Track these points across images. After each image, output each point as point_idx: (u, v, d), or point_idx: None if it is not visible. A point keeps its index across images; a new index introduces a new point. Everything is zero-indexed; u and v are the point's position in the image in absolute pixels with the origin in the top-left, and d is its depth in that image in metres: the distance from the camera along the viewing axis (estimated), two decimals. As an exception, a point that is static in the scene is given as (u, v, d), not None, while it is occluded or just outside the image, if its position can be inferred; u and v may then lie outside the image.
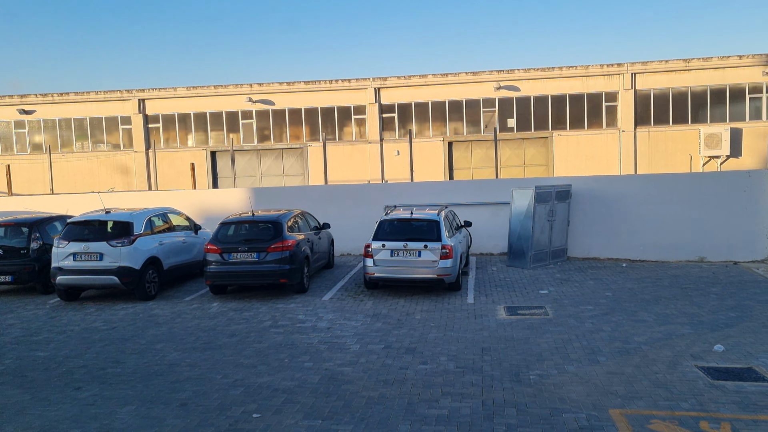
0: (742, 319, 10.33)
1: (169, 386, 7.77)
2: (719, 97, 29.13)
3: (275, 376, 8.01)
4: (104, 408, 7.12)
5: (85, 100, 32.19)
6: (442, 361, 8.46)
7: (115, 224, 12.55)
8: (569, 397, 7.08)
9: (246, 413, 6.84)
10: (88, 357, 9.11)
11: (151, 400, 7.30)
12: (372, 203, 17.18)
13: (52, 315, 11.78)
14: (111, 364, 8.73)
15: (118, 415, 6.89)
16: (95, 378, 8.18)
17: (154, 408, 7.07)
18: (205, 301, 12.56)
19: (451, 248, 12.21)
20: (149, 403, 7.21)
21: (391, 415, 6.69)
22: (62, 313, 11.87)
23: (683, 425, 6.26)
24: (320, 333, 10.02)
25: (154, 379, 8.08)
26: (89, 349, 9.49)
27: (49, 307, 12.45)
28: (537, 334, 9.67)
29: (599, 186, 16.50)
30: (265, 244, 12.22)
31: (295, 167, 32.06)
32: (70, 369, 8.59)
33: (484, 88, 30.43)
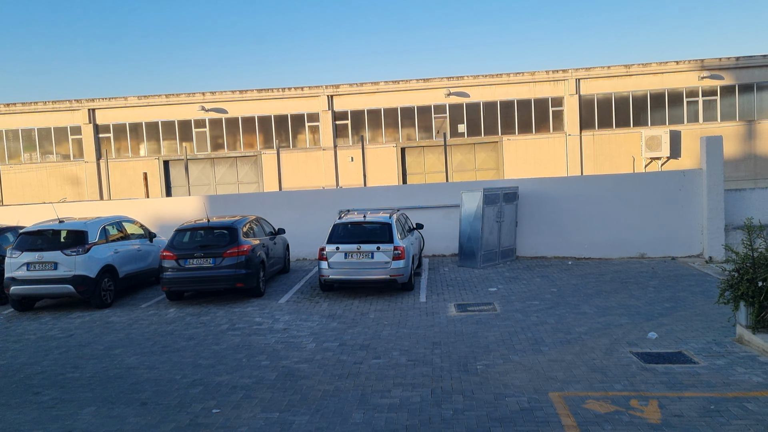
0: (675, 309, 11.02)
1: (128, 388, 7.96)
2: (659, 101, 30.41)
3: (233, 375, 8.28)
4: (65, 410, 7.28)
5: (32, 110, 31.61)
6: (395, 355, 8.85)
7: (70, 233, 12.59)
8: (513, 383, 7.55)
9: (206, 409, 7.10)
10: (45, 363, 9.21)
11: (112, 401, 7.49)
12: (327, 208, 17.50)
13: (7, 325, 11.76)
14: (69, 370, 8.85)
15: (80, 416, 7.07)
16: (54, 383, 8.30)
17: (114, 408, 7.27)
18: (161, 307, 12.68)
19: (403, 249, 12.63)
20: (110, 404, 7.41)
21: (346, 405, 7.04)
22: (17, 323, 11.85)
23: (615, 403, 6.78)
24: (277, 334, 10.30)
25: (113, 382, 8.25)
26: (47, 356, 9.57)
27: (3, 318, 12.40)
28: (485, 328, 10.15)
29: (545, 188, 17.19)
30: (220, 250, 12.43)
31: (250, 175, 32.11)
32: (28, 375, 8.69)
33: (434, 94, 31.09)
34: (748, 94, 30.01)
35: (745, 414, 6.37)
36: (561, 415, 6.51)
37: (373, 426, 6.43)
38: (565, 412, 6.61)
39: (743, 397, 6.83)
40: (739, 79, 29.86)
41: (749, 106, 30.05)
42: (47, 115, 31.75)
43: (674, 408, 6.60)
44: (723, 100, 30.12)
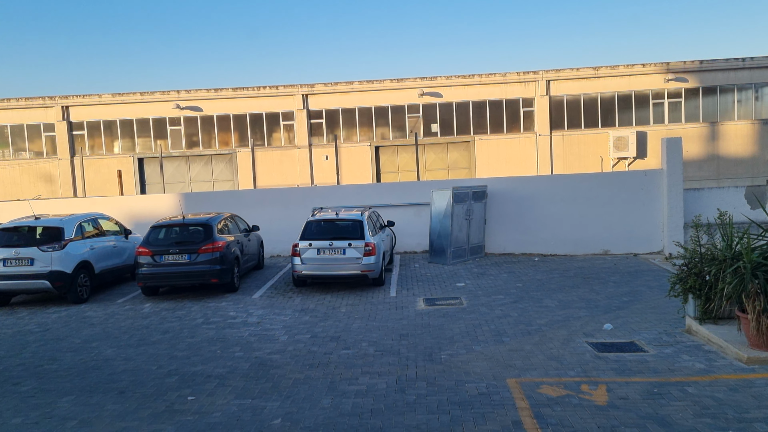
0: (632, 302, 11.58)
1: (106, 378, 8.27)
2: (626, 102, 31.25)
3: (208, 365, 8.63)
4: (44, 399, 7.57)
5: (5, 107, 31.45)
6: (364, 346, 9.27)
7: (46, 230, 12.81)
8: (474, 371, 8.01)
9: (181, 397, 7.45)
10: (24, 356, 9.46)
11: (90, 390, 7.80)
12: (301, 206, 17.83)
13: (-17, 320, 11.96)
14: (47, 362, 9.12)
15: (59, 404, 7.37)
16: (33, 374, 8.58)
17: (93, 397, 7.58)
18: (137, 302, 12.96)
19: (374, 246, 13.05)
20: (88, 393, 7.71)
21: (315, 392, 7.44)
22: (-7, 319, 12.05)
23: (567, 388, 7.27)
24: (250, 327, 10.65)
25: (91, 372, 8.55)
26: (24, 349, 9.82)
27: (-21, 313, 12.59)
28: (451, 321, 10.61)
29: (513, 186, 17.73)
30: (196, 246, 12.74)
31: (225, 173, 32.29)
32: (7, 367, 8.94)
33: (408, 94, 31.57)
34: (711, 97, 30.99)
35: (684, 396, 6.89)
36: (516, 399, 6.98)
37: (340, 410, 6.84)
38: (520, 396, 7.08)
39: (685, 382, 7.36)
40: (703, 82, 30.82)
41: (713, 108, 31.02)
42: (20, 112, 31.63)
43: (621, 392, 7.10)
44: (687, 102, 31.06)
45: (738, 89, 31.00)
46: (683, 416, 6.35)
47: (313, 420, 6.60)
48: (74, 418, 6.92)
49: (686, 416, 6.35)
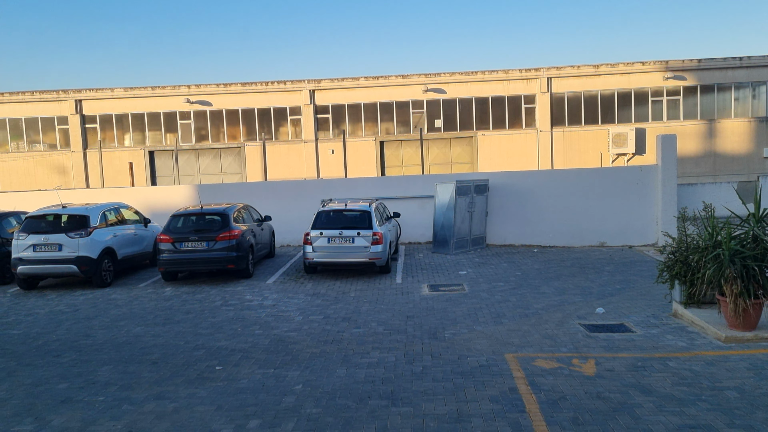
0: (625, 289, 12.33)
1: (138, 351, 9.05)
2: (625, 99, 31.93)
3: (231, 341, 9.40)
4: (84, 368, 8.35)
5: (20, 100, 32.23)
6: (373, 326, 10.03)
7: (73, 217, 13.57)
8: (475, 347, 8.77)
9: (210, 367, 8.23)
10: (59, 333, 10.24)
11: (126, 361, 8.58)
12: (310, 198, 18.59)
13: (15, 301, 12.74)
14: (82, 338, 9.90)
15: (99, 373, 8.15)
16: (71, 348, 9.35)
17: (129, 366, 8.36)
18: (158, 286, 13.74)
19: (381, 235, 13.81)
20: (124, 363, 8.49)
21: (331, 363, 8.20)
22: (24, 300, 12.84)
23: (559, 362, 8.03)
24: (267, 309, 11.42)
25: (123, 347, 9.32)
26: (59, 327, 10.60)
27: (11, 295, 13.38)
28: (454, 305, 11.36)
29: (514, 180, 18.47)
30: (213, 234, 13.51)
31: (233, 166, 33.06)
32: (46, 342, 9.72)
33: (412, 90, 32.27)
34: (709, 95, 31.66)
35: (664, 369, 7.64)
36: (513, 370, 7.74)
37: (354, 378, 7.61)
38: (516, 367, 7.84)
39: (666, 357, 8.12)
40: (701, 80, 31.49)
41: (710, 106, 31.70)
42: (34, 105, 32.41)
43: (608, 365, 7.86)
44: (686, 100, 31.74)
45: (735, 87, 31.67)
46: (663, 385, 7.10)
47: (331, 386, 7.36)
48: (115, 383, 7.70)
49: (665, 385, 7.10)
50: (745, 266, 8.61)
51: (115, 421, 6.53)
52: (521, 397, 6.86)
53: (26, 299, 12.93)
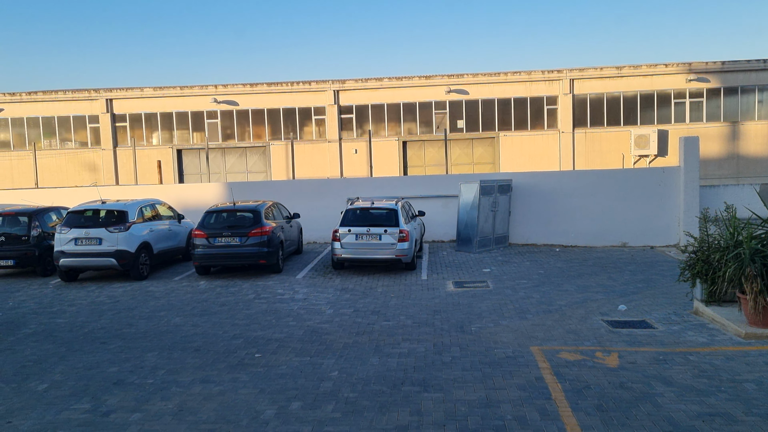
0: (646, 288, 12.60)
1: (180, 339, 9.53)
2: (648, 101, 32.01)
3: (267, 331, 9.85)
4: (132, 354, 8.85)
5: (53, 99, 33.10)
6: (402, 319, 10.43)
7: (112, 213, 14.14)
8: (501, 340, 9.13)
9: (249, 354, 8.68)
10: (103, 322, 10.77)
11: (169, 348, 9.07)
12: (335, 196, 19.05)
13: (58, 293, 13.33)
14: (125, 327, 10.41)
15: (146, 358, 8.64)
16: (116, 336, 9.87)
17: (173, 353, 8.84)
18: (192, 280, 14.26)
19: (407, 233, 14.20)
20: (168, 350, 8.98)
21: (364, 353, 8.62)
22: (66, 291, 13.42)
23: (583, 354, 8.37)
24: (298, 302, 11.87)
25: (165, 335, 9.81)
26: (102, 317, 11.13)
27: (53, 287, 13.98)
28: (479, 300, 11.72)
29: (536, 181, 18.76)
30: (246, 230, 13.99)
31: (258, 165, 33.64)
32: (91, 330, 10.25)
33: (435, 91, 32.62)
34: (732, 97, 31.63)
35: (685, 362, 7.95)
36: (538, 361, 8.10)
37: (387, 366, 8.01)
38: (541, 359, 8.20)
39: (687, 352, 8.42)
40: (725, 82, 31.47)
41: (734, 108, 31.67)
42: (67, 104, 33.27)
43: (630, 358, 8.18)
44: (709, 102, 31.74)
45: (759, 90, 31.60)
46: (683, 377, 7.42)
47: (365, 373, 7.77)
48: (162, 368, 8.18)
49: (686, 377, 7.41)
50: (765, 265, 8.88)
51: (166, 401, 6.99)
52: (547, 385, 7.21)
53: (68, 290, 13.51)
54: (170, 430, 6.25)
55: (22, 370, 8.30)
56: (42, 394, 7.35)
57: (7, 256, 14.54)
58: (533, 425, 6.16)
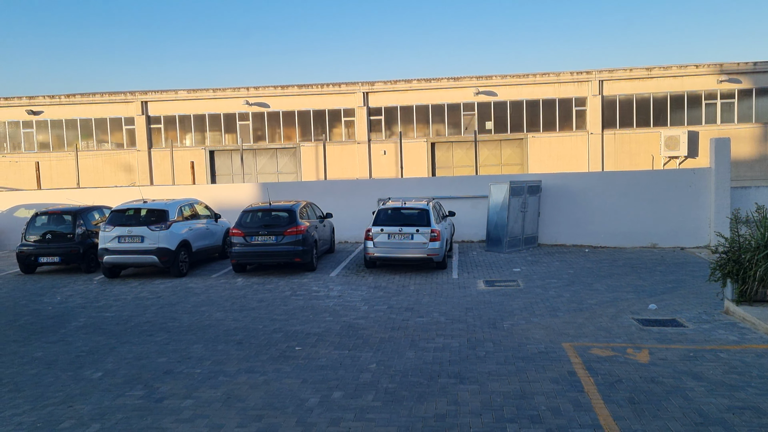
0: (676, 288, 12.71)
1: (223, 333, 9.94)
2: (678, 102, 31.83)
3: (305, 326, 10.21)
4: (178, 346, 9.27)
5: (90, 101, 34.00)
6: (435, 315, 10.72)
7: (153, 212, 14.65)
8: (533, 336, 9.37)
9: (290, 347, 9.04)
10: (148, 316, 11.23)
11: (213, 341, 9.47)
12: (365, 197, 19.38)
13: (102, 288, 13.87)
14: (169, 321, 10.86)
15: (191, 350, 9.05)
16: (161, 329, 10.31)
17: (217, 345, 9.24)
18: (229, 277, 14.70)
19: (438, 232, 14.48)
20: (212, 343, 9.38)
21: (400, 347, 8.92)
22: (110, 287, 13.95)
23: (614, 351, 8.57)
24: (333, 299, 12.22)
25: (208, 329, 10.23)
26: (146, 311, 11.60)
27: (97, 282, 14.53)
28: (510, 299, 11.96)
29: (566, 182, 18.89)
30: (282, 229, 14.40)
31: (289, 166, 34.17)
32: (138, 324, 10.71)
33: (464, 93, 32.82)
34: (764, 98, 31.31)
35: (715, 359, 8.12)
36: (570, 356, 8.33)
37: (423, 359, 8.31)
38: (573, 354, 8.42)
39: (718, 349, 8.58)
40: (757, 83, 31.17)
41: (766, 109, 31.34)
42: (103, 106, 34.15)
43: (661, 354, 8.37)
44: (740, 103, 31.46)
45: (792, 91, 31.26)
46: (714, 373, 7.59)
47: (402, 366, 8.08)
48: (208, 359, 8.58)
49: (716, 373, 7.59)
50: (796, 265, 8.99)
51: (214, 390, 7.38)
52: (579, 379, 7.45)
53: (112, 286, 14.04)
54: (221, 415, 6.63)
55: (76, 359, 8.77)
56: (97, 382, 7.79)
57: (54, 254, 15.15)
58: (567, 415, 6.40)
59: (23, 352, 9.24)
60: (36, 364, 8.64)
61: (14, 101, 34.16)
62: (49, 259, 15.20)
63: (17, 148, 34.94)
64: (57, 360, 8.77)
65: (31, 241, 15.37)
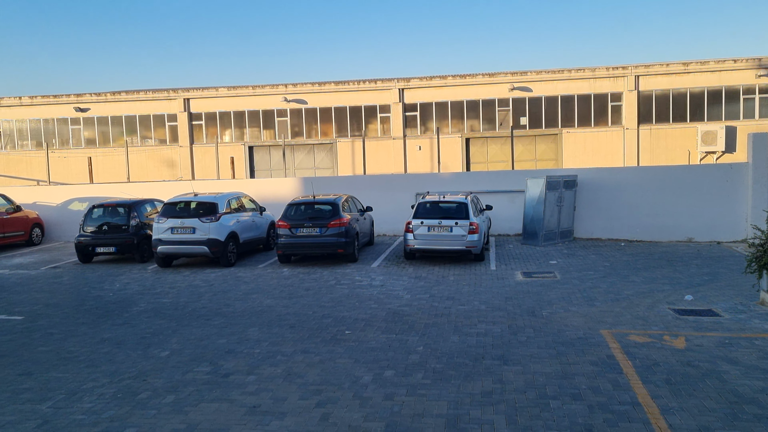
0: (712, 281, 12.94)
1: (275, 317, 10.53)
2: (716, 97, 31.63)
3: (352, 312, 10.75)
4: (235, 329, 9.88)
5: (135, 99, 35.13)
6: (476, 304, 11.17)
7: (204, 204, 15.35)
8: (571, 323, 9.76)
9: (340, 331, 9.58)
10: (202, 302, 11.89)
11: (267, 325, 10.07)
12: (402, 191, 19.87)
13: (157, 277, 14.61)
14: (223, 307, 11.49)
15: (248, 333, 9.65)
16: (216, 314, 10.94)
17: (272, 329, 9.83)
18: (276, 267, 15.34)
19: (477, 225, 14.90)
20: (267, 326, 9.97)
21: (444, 332, 9.40)
22: (164, 276, 14.69)
23: (651, 337, 8.93)
24: (377, 288, 12.74)
25: (261, 314, 10.83)
26: (201, 298, 12.26)
27: (151, 271, 15.30)
28: (548, 289, 12.34)
29: (602, 176, 19.13)
30: (325, 221, 14.98)
31: (325, 161, 34.84)
32: (194, 309, 11.37)
33: (499, 89, 33.07)
34: (805, 92, 30.96)
35: (750, 346, 8.43)
36: (609, 342, 8.72)
37: (467, 343, 8.78)
38: (612, 340, 8.81)
39: (753, 337, 8.87)
40: (797, 77, 30.84)
41: (806, 103, 30.99)
42: (147, 103, 35.26)
43: (697, 341, 8.71)
44: (780, 97, 31.14)
45: (834, 85, 30.84)
46: (749, 358, 7.91)
47: (448, 349, 8.56)
48: (265, 341, 9.17)
49: (751, 358, 7.91)
50: (831, 256, 9.23)
51: (274, 367, 7.95)
52: (618, 362, 7.84)
53: (165, 275, 14.78)
54: (283, 389, 7.19)
55: (142, 340, 9.44)
56: (166, 360, 8.43)
57: (110, 244, 15.97)
58: (606, 394, 6.82)
59: (93, 333, 9.95)
60: (106, 344, 9.33)
61: (63, 99, 35.47)
62: (106, 249, 16.02)
63: (65, 144, 36.28)
64: (125, 340, 9.45)
65: (89, 232, 16.21)
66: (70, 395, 7.22)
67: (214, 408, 6.72)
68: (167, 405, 6.83)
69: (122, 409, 6.76)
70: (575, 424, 6.09)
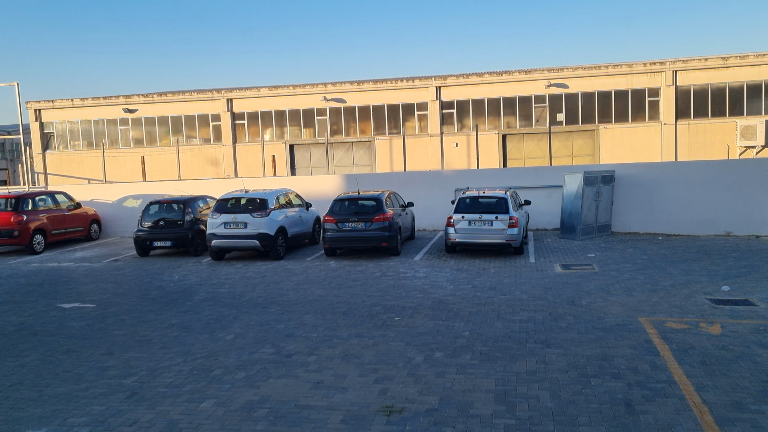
0: (750, 273, 13.22)
1: (327, 306, 11.21)
2: (755, 91, 31.41)
3: (399, 301, 11.37)
4: (291, 316, 10.58)
5: (180, 99, 36.36)
6: (517, 294, 11.69)
7: (254, 200, 16.16)
8: (610, 312, 10.23)
9: (389, 318, 10.21)
10: (257, 292, 12.64)
11: (321, 312, 10.75)
12: (441, 187, 20.43)
13: (212, 269, 15.45)
14: (277, 296, 12.22)
15: (304, 319, 10.34)
16: (272, 303, 11.67)
17: (325, 316, 10.51)
18: (322, 260, 16.06)
19: (516, 219, 15.40)
20: (320, 314, 10.66)
21: (488, 319, 9.96)
22: (218, 268, 15.52)
23: (688, 324, 9.36)
24: (420, 279, 13.34)
25: (313, 303, 11.52)
26: (255, 288, 13.02)
27: (206, 264, 16.16)
28: (586, 280, 12.79)
29: (639, 172, 19.41)
30: (370, 216, 15.65)
31: (364, 159, 35.56)
32: (251, 298, 12.12)
33: (535, 85, 33.36)
34: None
35: (785, 332, 8.82)
36: (646, 328, 9.18)
37: (510, 329, 9.33)
38: (649, 326, 9.27)
39: (787, 325, 9.25)
40: (840, 70, 30.46)
41: None
42: (192, 104, 36.46)
43: (732, 328, 9.11)
44: (822, 91, 30.80)
45: None
46: (782, 344, 8.32)
47: (493, 333, 9.13)
48: (321, 326, 9.86)
49: (784, 344, 8.31)
50: None
51: (332, 349, 8.62)
52: (655, 346, 8.31)
53: (219, 267, 15.62)
54: (343, 368, 7.85)
55: (207, 325, 10.20)
56: (232, 342, 9.17)
57: (166, 238, 16.90)
58: (644, 373, 7.32)
59: (161, 319, 10.76)
60: (174, 328, 10.12)
61: (112, 100, 36.90)
62: (162, 243, 16.95)
63: (114, 144, 37.72)
64: (192, 326, 10.23)
65: (146, 227, 17.16)
66: (150, 372, 7.99)
67: (282, 383, 7.40)
68: (239, 380, 7.55)
69: (199, 384, 7.49)
70: (615, 399, 6.62)
